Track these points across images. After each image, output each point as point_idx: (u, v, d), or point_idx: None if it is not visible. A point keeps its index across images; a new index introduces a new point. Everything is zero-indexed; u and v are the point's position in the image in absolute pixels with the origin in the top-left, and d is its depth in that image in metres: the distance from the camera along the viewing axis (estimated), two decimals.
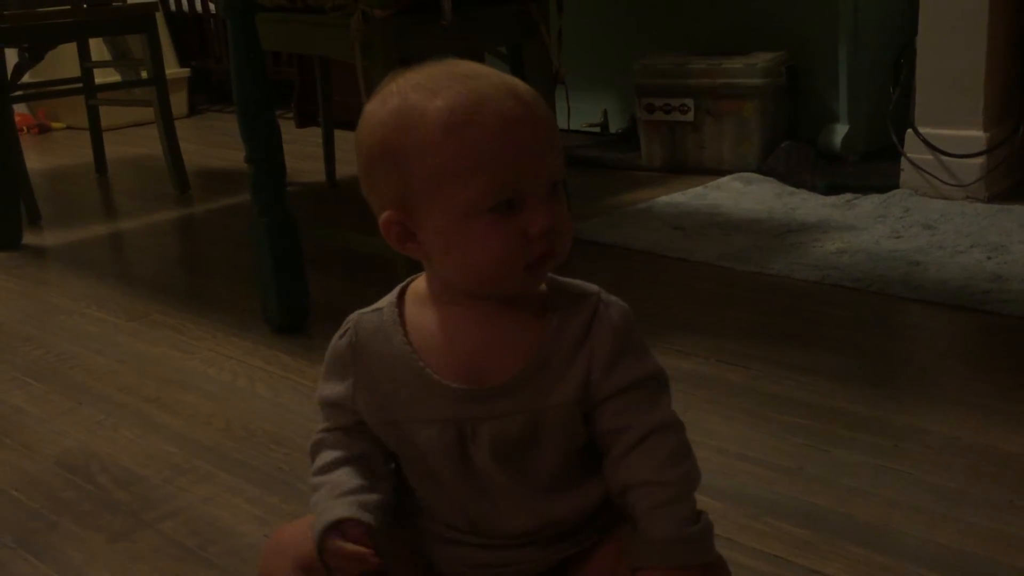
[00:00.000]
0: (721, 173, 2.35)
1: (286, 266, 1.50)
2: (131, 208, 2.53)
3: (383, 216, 0.70)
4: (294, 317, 1.52)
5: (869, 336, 1.42)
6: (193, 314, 1.66)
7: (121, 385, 1.39)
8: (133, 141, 3.26)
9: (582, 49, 2.69)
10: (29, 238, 2.18)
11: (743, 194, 2.17)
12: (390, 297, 0.75)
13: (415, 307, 0.74)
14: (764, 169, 2.31)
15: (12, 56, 2.53)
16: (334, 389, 0.75)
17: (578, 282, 0.76)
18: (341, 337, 0.75)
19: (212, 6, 3.72)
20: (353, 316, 0.76)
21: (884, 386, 1.25)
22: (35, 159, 3.00)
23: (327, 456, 0.75)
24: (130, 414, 1.30)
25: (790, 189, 2.18)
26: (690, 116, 2.40)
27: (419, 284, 0.76)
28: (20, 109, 3.34)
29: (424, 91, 0.68)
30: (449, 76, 0.69)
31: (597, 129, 2.86)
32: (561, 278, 0.75)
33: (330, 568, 0.70)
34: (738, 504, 1.00)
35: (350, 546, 0.69)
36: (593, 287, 0.75)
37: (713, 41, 2.50)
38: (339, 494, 0.72)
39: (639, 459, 0.71)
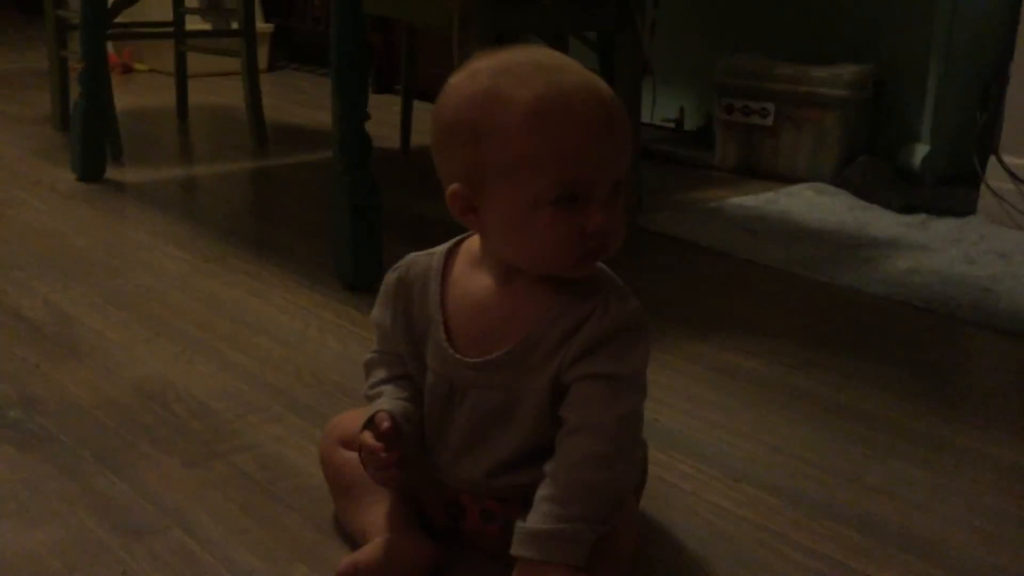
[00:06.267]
0: (794, 181, 2.34)
1: (364, 226, 1.53)
2: (209, 154, 2.59)
3: (451, 188, 0.75)
4: (366, 276, 1.55)
5: (937, 357, 1.42)
6: (267, 262, 1.70)
7: (197, 322, 1.43)
8: (213, 90, 3.32)
9: (663, 44, 2.69)
10: (111, 173, 2.24)
11: (815, 204, 2.17)
12: (445, 246, 0.83)
13: (462, 263, 0.81)
14: (838, 181, 2.29)
15: None
16: (383, 316, 0.84)
17: (603, 275, 0.78)
18: (394, 271, 0.84)
19: None
20: (412, 255, 0.84)
21: (948, 407, 1.24)
22: (118, 98, 3.05)
23: (381, 373, 0.85)
24: (205, 350, 1.34)
25: (863, 204, 2.16)
26: (769, 121, 2.40)
27: (474, 241, 0.82)
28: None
29: (513, 78, 0.71)
30: (537, 67, 0.72)
31: (672, 125, 2.86)
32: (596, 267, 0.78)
33: (363, 462, 0.80)
34: (796, 503, 1.01)
35: (369, 439, 0.78)
36: (611, 285, 0.77)
37: (797, 48, 2.49)
38: (393, 399, 0.82)
39: (559, 450, 0.75)
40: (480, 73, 0.73)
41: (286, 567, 0.87)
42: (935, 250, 1.85)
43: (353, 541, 0.88)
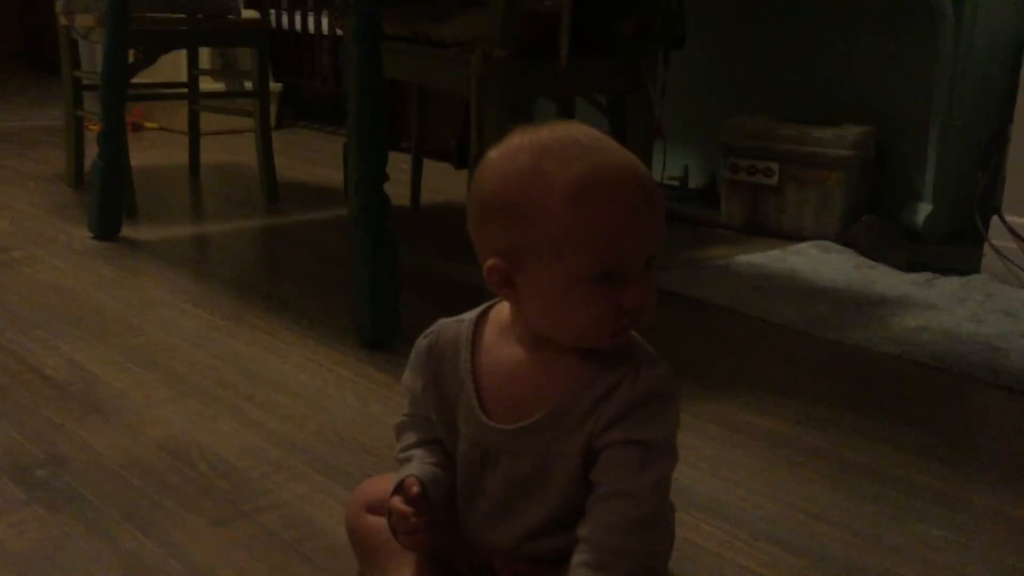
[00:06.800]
0: (799, 239, 2.38)
1: (384, 285, 1.56)
2: (223, 212, 2.62)
3: (489, 263, 0.77)
4: (385, 334, 1.57)
5: (950, 416, 1.44)
6: (284, 320, 1.72)
7: (218, 380, 1.45)
8: (223, 147, 3.37)
9: (668, 103, 2.73)
10: (126, 231, 2.27)
11: (822, 262, 2.20)
12: (474, 313, 0.84)
13: (492, 331, 0.82)
14: (843, 240, 2.33)
15: None
16: (414, 382, 0.85)
17: (633, 342, 0.79)
18: (425, 337, 0.85)
19: (311, 27, 3.85)
20: (441, 321, 0.85)
21: (963, 466, 1.26)
22: (130, 156, 3.10)
23: (411, 437, 0.87)
24: (227, 408, 1.35)
25: (869, 262, 2.19)
26: (774, 180, 2.44)
27: (503, 309, 0.83)
28: None
29: (553, 158, 0.73)
30: (577, 146, 0.74)
31: (676, 183, 2.91)
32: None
33: (391, 527, 0.81)
34: (819, 563, 1.02)
35: (399, 504, 0.80)
36: (640, 352, 0.78)
37: (801, 109, 2.54)
38: (422, 463, 0.83)
39: (592, 515, 0.76)
40: (521, 151, 0.75)
41: None
42: (942, 309, 1.87)
43: None
